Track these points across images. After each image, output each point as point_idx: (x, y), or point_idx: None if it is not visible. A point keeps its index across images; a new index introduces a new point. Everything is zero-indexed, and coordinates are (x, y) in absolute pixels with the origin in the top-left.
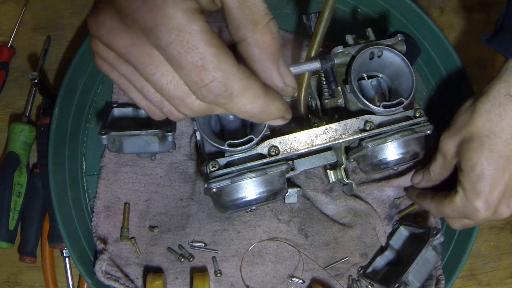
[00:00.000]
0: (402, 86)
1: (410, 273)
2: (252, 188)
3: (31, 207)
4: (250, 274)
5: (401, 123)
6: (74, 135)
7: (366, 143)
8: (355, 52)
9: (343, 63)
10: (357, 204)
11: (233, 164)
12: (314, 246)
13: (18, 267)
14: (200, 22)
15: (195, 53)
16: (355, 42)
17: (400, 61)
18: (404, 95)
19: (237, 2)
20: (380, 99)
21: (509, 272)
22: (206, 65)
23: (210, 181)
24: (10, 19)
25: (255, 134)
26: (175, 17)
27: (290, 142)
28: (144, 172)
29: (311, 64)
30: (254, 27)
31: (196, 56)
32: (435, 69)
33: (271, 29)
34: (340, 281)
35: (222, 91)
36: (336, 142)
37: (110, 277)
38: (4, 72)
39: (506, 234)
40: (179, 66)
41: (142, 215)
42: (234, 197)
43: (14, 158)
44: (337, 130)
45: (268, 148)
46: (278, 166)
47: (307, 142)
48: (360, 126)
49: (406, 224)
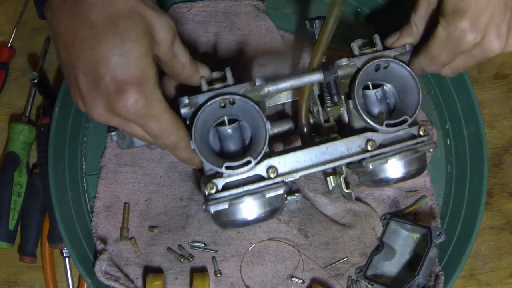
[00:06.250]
0: (408, 100)
1: (420, 277)
2: (250, 210)
3: (31, 207)
4: (250, 274)
5: (404, 143)
6: (74, 135)
7: (367, 163)
8: (361, 65)
9: (347, 75)
10: (356, 206)
11: (231, 185)
12: (314, 246)
13: (18, 267)
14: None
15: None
16: (360, 50)
17: (407, 74)
18: (409, 110)
19: (169, 55)
20: (384, 111)
21: (509, 272)
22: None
23: (208, 203)
24: (10, 19)
25: (253, 154)
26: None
27: (290, 162)
28: (144, 172)
29: (313, 75)
30: (182, 69)
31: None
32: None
33: (189, 63)
34: (340, 281)
35: (172, 147)
36: (337, 164)
37: (110, 277)
38: (4, 72)
39: (506, 234)
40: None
41: (142, 215)
42: (232, 218)
43: (14, 158)
44: (337, 149)
45: (267, 168)
46: (277, 189)
47: (307, 162)
48: (361, 145)
49: (395, 219)
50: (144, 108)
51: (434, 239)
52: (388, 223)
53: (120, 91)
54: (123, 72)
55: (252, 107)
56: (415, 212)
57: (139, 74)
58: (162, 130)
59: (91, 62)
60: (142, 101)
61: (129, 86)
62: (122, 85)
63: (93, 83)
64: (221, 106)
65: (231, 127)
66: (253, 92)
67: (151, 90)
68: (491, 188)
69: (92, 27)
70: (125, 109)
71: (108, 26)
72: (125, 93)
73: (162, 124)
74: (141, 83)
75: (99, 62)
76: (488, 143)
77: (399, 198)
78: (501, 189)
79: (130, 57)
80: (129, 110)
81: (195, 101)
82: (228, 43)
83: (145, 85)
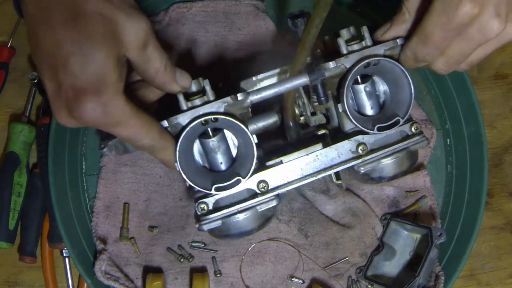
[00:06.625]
0: (400, 96)
1: (421, 277)
2: (243, 224)
3: (31, 207)
4: (250, 274)
5: (396, 145)
6: (74, 135)
7: (359, 167)
8: (350, 65)
9: (335, 76)
10: (355, 201)
11: (222, 203)
12: (314, 246)
13: (18, 267)
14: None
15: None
16: (347, 45)
17: (398, 71)
18: (400, 108)
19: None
20: (374, 106)
21: (509, 272)
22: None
23: (201, 223)
24: (10, 19)
25: (242, 171)
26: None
27: (280, 174)
28: (143, 172)
29: (298, 79)
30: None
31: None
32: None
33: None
34: (340, 281)
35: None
36: (328, 173)
37: (109, 277)
38: (4, 72)
39: (506, 234)
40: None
41: (142, 215)
42: (227, 233)
43: (14, 158)
44: (328, 157)
45: (257, 183)
46: (268, 202)
47: (298, 174)
48: (352, 149)
49: (396, 219)
50: (104, 116)
51: (434, 240)
52: (388, 223)
53: (77, 99)
54: (80, 79)
55: (236, 124)
56: (415, 212)
57: (97, 81)
58: (131, 135)
59: (53, 67)
60: (100, 109)
61: (84, 95)
62: (79, 93)
63: (55, 89)
64: (203, 124)
65: (215, 139)
66: (236, 105)
67: (110, 97)
68: (491, 188)
69: (54, 29)
70: (82, 118)
71: (69, 29)
72: (80, 102)
73: (130, 130)
74: (99, 91)
75: (58, 68)
76: (488, 143)
77: (399, 198)
78: (501, 189)
79: (88, 62)
80: (86, 119)
81: (175, 122)
82: (228, 43)
83: (104, 92)
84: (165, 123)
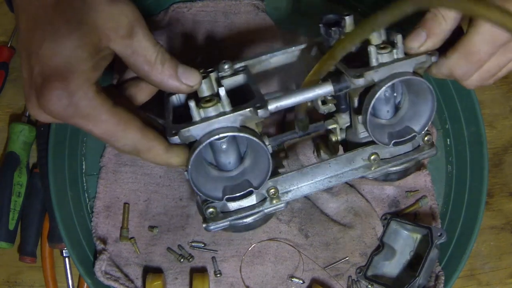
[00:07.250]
0: (419, 107)
1: (421, 277)
2: (251, 224)
3: (31, 207)
4: (250, 274)
5: (407, 157)
6: (74, 135)
7: (368, 175)
8: (378, 79)
9: (362, 87)
10: (358, 200)
11: (231, 207)
12: (314, 246)
13: (18, 267)
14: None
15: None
16: (377, 53)
17: (425, 87)
18: (418, 119)
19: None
20: (390, 109)
21: (509, 272)
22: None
23: (208, 224)
24: (10, 19)
25: (254, 181)
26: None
27: (291, 182)
28: (143, 172)
29: (322, 88)
30: (149, 70)
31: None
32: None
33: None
34: (340, 282)
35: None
36: (339, 182)
37: (109, 277)
38: (4, 72)
39: (506, 234)
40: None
41: (142, 215)
42: (233, 230)
43: (14, 158)
44: (340, 164)
45: (268, 189)
46: (277, 206)
47: (309, 181)
48: (364, 157)
49: (396, 219)
50: (70, 107)
51: (435, 240)
52: (388, 223)
53: (43, 86)
54: (49, 65)
55: (253, 141)
56: (415, 212)
57: (65, 67)
58: (106, 134)
59: (28, 55)
60: (65, 99)
61: (50, 81)
62: (46, 79)
63: (28, 77)
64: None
65: (225, 140)
66: (253, 119)
67: (78, 86)
68: (491, 188)
69: (32, 15)
70: (48, 107)
71: (48, 15)
72: (46, 88)
73: (102, 126)
74: (65, 77)
75: (31, 54)
76: (488, 143)
77: (399, 198)
78: (501, 189)
79: (59, 48)
80: (51, 107)
81: (187, 135)
82: (227, 42)
83: (71, 79)
84: (176, 139)
